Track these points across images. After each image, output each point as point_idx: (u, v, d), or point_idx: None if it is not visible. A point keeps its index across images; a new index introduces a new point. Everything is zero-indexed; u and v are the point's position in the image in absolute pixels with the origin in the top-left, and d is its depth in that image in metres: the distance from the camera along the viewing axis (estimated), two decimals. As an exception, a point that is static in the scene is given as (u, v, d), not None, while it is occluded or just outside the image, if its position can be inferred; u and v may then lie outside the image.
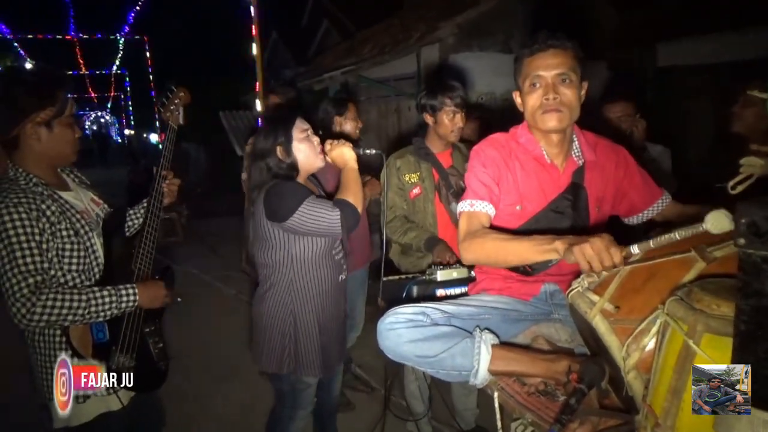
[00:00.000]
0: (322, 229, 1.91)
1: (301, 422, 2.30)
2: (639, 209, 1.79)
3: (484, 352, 1.43)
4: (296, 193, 1.92)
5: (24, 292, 1.54)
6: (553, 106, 1.55)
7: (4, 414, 3.13)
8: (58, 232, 1.66)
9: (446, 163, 2.67)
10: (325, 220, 1.89)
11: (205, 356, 4.04)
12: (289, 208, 1.88)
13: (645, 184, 1.77)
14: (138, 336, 1.83)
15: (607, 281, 1.26)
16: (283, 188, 1.93)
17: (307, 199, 1.89)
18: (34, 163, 1.71)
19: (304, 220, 1.88)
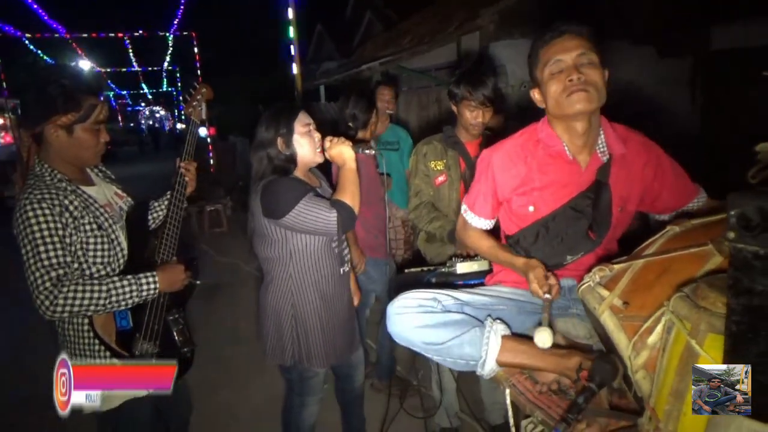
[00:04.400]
0: (317, 228, 1.91)
1: (312, 408, 2.33)
2: (673, 208, 1.70)
3: (493, 342, 1.39)
4: (292, 191, 1.91)
5: (47, 285, 1.60)
6: (579, 86, 1.46)
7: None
8: (82, 226, 1.71)
9: (474, 153, 2.62)
10: (322, 221, 1.88)
11: (242, 347, 4.12)
12: (285, 207, 1.88)
13: (679, 183, 1.67)
14: (161, 324, 1.88)
15: (619, 276, 1.21)
16: (279, 185, 1.93)
17: (303, 198, 1.89)
18: (57, 161, 1.77)
19: (301, 219, 1.88)
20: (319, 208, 1.89)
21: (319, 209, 1.89)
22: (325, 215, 1.88)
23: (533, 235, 1.63)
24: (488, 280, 1.83)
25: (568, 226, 1.57)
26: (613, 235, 1.65)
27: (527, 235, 1.64)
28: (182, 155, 2.04)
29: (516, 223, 1.69)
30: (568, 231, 1.58)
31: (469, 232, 1.82)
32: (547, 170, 1.61)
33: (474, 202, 1.78)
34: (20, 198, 1.66)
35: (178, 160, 2.03)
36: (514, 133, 1.74)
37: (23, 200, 1.64)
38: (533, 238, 1.63)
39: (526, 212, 1.64)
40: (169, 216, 1.95)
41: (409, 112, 7.84)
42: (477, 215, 1.78)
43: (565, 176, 1.60)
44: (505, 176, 1.66)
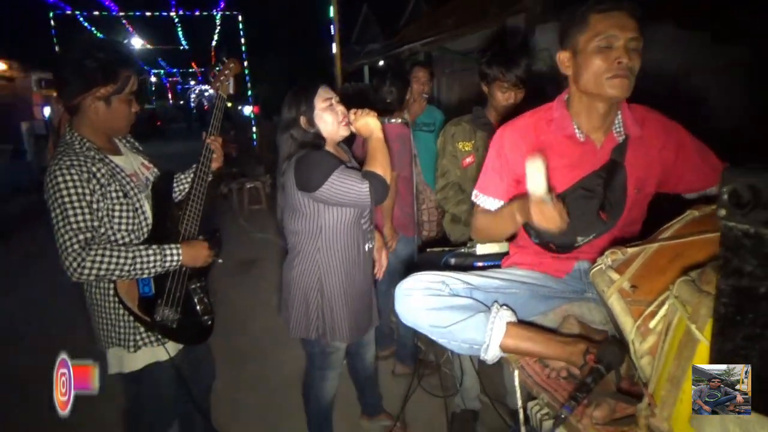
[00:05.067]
0: (351, 201, 1.91)
1: (332, 381, 2.37)
2: (699, 188, 1.63)
3: (497, 327, 1.37)
4: (326, 164, 1.91)
5: (75, 248, 1.66)
6: (624, 72, 1.39)
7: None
8: (108, 193, 1.77)
9: None
10: (354, 192, 1.89)
11: (273, 320, 4.20)
12: (319, 179, 1.88)
13: (705, 164, 1.59)
14: (183, 292, 1.94)
15: (632, 259, 1.17)
16: (312, 158, 1.94)
17: (336, 170, 1.89)
18: (89, 130, 1.84)
19: (334, 191, 1.88)
20: (352, 179, 1.89)
21: (351, 181, 1.89)
22: (357, 187, 1.88)
23: None
24: (504, 262, 1.80)
25: (578, 205, 1.52)
26: (631, 217, 1.59)
27: None
28: (209, 129, 2.07)
29: None
30: (577, 211, 1.53)
31: (477, 215, 1.75)
32: (558, 150, 1.57)
33: (487, 184, 1.71)
34: (50, 164, 1.73)
35: (205, 134, 2.07)
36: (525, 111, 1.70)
37: (53, 166, 1.71)
38: None
39: None
40: (194, 188, 1.99)
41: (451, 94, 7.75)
42: (490, 196, 1.70)
43: (578, 156, 1.55)
44: (517, 155, 1.61)
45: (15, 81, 13.25)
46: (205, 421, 2.33)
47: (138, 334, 1.89)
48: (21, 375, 3.54)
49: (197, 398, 2.23)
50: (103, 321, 1.89)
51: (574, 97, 1.55)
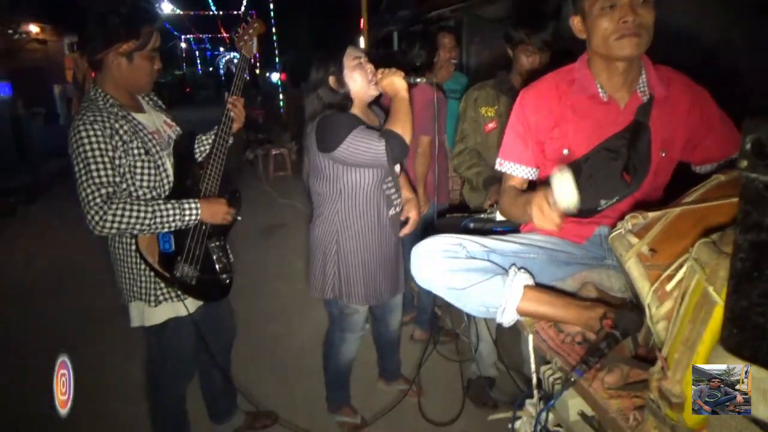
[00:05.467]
0: (367, 160, 1.91)
1: (351, 344, 2.40)
2: (714, 159, 1.56)
3: (514, 290, 1.35)
4: (344, 124, 1.91)
5: (97, 201, 1.69)
6: (632, 30, 1.35)
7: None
8: (130, 150, 1.79)
9: None
10: (371, 152, 1.87)
11: (295, 283, 4.26)
12: (337, 139, 1.88)
13: (725, 131, 1.52)
14: (203, 249, 1.96)
15: (652, 224, 1.14)
16: (332, 119, 1.93)
17: (354, 130, 1.88)
18: (112, 87, 1.85)
19: (351, 150, 1.88)
20: (368, 138, 1.88)
21: (368, 140, 1.88)
22: (374, 145, 1.87)
23: None
24: (523, 227, 1.77)
25: (601, 167, 1.49)
26: (655, 182, 1.55)
27: None
28: (231, 89, 2.07)
29: (550, 168, 1.61)
30: (601, 173, 1.49)
31: (504, 193, 1.71)
32: (581, 111, 1.52)
33: (511, 149, 1.67)
34: (74, 120, 1.75)
35: (227, 94, 2.06)
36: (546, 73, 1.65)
37: (77, 122, 1.73)
38: None
39: (560, 155, 1.56)
40: (215, 148, 2.00)
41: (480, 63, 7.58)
42: (516, 162, 1.67)
43: (601, 117, 1.50)
44: (539, 117, 1.58)
45: (47, 44, 13.41)
46: (225, 377, 2.39)
47: (159, 289, 1.92)
48: (59, 324, 3.73)
49: (217, 355, 2.29)
50: (125, 275, 1.94)
51: (593, 59, 1.51)
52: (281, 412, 2.63)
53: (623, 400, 1.12)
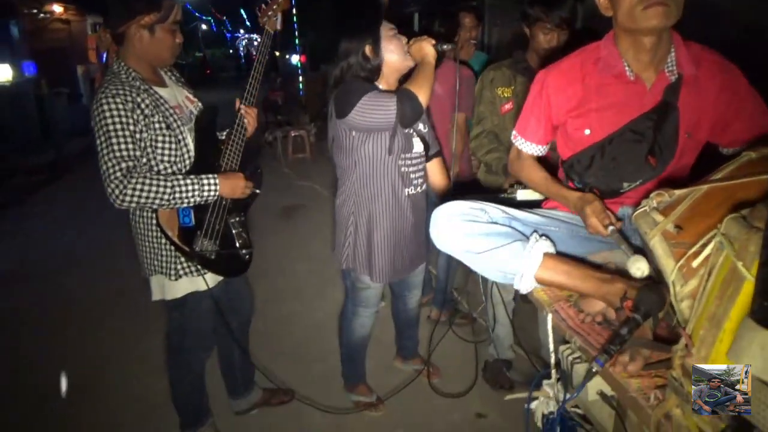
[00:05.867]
0: (378, 120, 1.89)
1: (364, 319, 2.41)
2: (743, 140, 1.50)
3: (533, 257, 1.34)
4: (360, 88, 1.90)
5: (117, 175, 1.70)
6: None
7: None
8: (152, 124, 1.80)
9: None
10: (382, 110, 1.86)
11: (313, 264, 4.28)
12: (351, 103, 1.87)
13: (756, 112, 1.47)
14: (222, 225, 1.97)
15: (678, 201, 1.11)
16: (350, 85, 1.93)
17: (368, 93, 1.87)
18: (135, 60, 1.86)
19: (362, 111, 1.87)
20: (380, 98, 1.88)
21: (379, 99, 1.87)
22: (385, 103, 1.87)
23: (588, 159, 1.52)
24: (545, 204, 1.75)
25: (625, 149, 1.45)
26: (681, 164, 1.51)
27: (581, 159, 1.54)
28: (255, 66, 2.05)
29: (571, 147, 1.59)
30: (625, 155, 1.45)
31: (522, 162, 1.73)
32: (606, 91, 1.48)
33: (526, 126, 1.68)
34: (97, 93, 1.76)
35: (239, 101, 2.03)
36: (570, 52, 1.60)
37: (99, 95, 1.73)
38: (588, 162, 1.53)
39: (581, 136, 1.53)
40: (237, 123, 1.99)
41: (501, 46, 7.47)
42: (528, 141, 1.69)
43: (626, 97, 1.46)
44: (560, 98, 1.55)
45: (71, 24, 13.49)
46: (243, 353, 2.42)
47: (179, 263, 1.94)
48: (82, 298, 3.81)
49: (235, 331, 2.31)
50: (146, 249, 1.96)
51: (619, 36, 1.46)
52: (298, 389, 2.66)
53: (644, 379, 1.10)
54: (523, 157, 1.73)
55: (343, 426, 2.49)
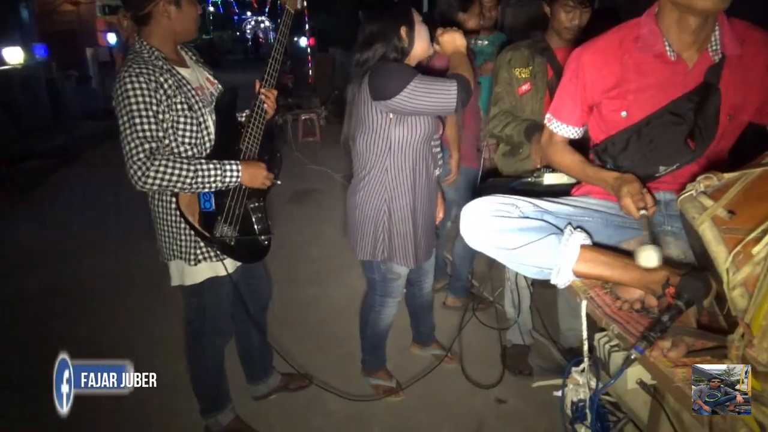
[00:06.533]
0: (434, 105, 1.87)
1: (391, 309, 2.39)
2: None
3: (570, 250, 1.29)
4: (407, 70, 1.88)
5: (140, 156, 1.67)
6: None
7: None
8: (174, 105, 1.76)
9: (564, 60, 2.40)
10: (441, 93, 1.85)
11: (328, 249, 4.26)
12: (399, 84, 1.84)
13: None
14: (242, 210, 1.94)
15: (728, 185, 1.06)
16: (390, 66, 1.90)
17: (417, 75, 1.85)
18: (159, 39, 1.82)
19: (416, 95, 1.84)
20: (437, 81, 1.86)
21: (436, 82, 1.86)
22: (444, 87, 1.85)
23: (623, 142, 1.47)
24: (575, 191, 1.70)
25: (664, 132, 1.40)
26: (719, 147, 1.45)
27: (616, 142, 1.48)
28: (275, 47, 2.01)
29: (605, 130, 1.53)
30: (663, 138, 1.40)
31: (555, 146, 1.67)
32: (645, 71, 1.42)
33: (561, 108, 1.62)
34: (120, 72, 1.72)
35: (258, 84, 1.99)
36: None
37: (122, 74, 1.70)
38: (623, 145, 1.47)
39: (617, 118, 1.47)
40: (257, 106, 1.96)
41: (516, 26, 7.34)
42: (563, 122, 1.62)
43: (667, 77, 1.40)
44: (596, 77, 1.48)
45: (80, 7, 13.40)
46: (261, 337, 2.40)
47: (198, 248, 1.92)
48: (89, 280, 3.82)
49: (254, 316, 2.29)
50: (165, 234, 1.93)
51: (664, 10, 1.38)
52: (316, 374, 2.65)
53: (688, 369, 1.06)
54: (555, 141, 1.67)
55: (362, 411, 2.48)
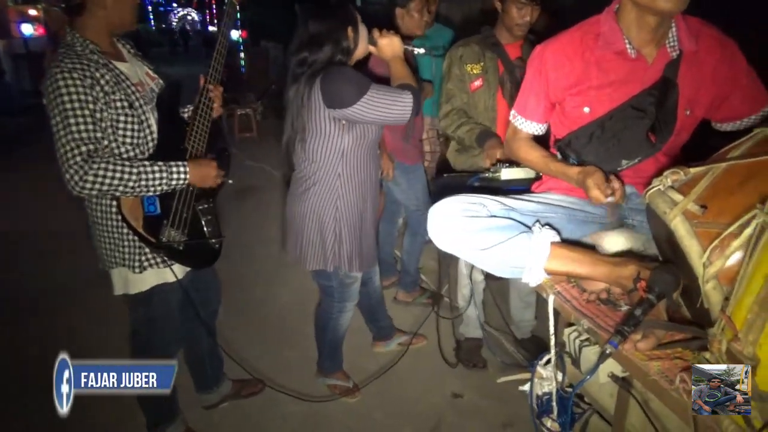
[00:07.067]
0: (390, 116, 1.85)
1: (350, 313, 2.36)
2: (739, 116, 1.51)
3: (540, 249, 1.29)
4: (360, 80, 1.84)
5: (77, 160, 1.54)
6: None
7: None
8: (113, 102, 1.63)
9: (514, 55, 2.44)
10: (398, 105, 1.84)
11: (271, 248, 4.16)
12: (356, 93, 1.80)
13: (751, 87, 1.46)
14: (190, 213, 1.84)
15: (696, 180, 1.08)
16: (344, 74, 1.84)
17: (373, 85, 1.82)
18: (94, 30, 1.69)
19: (372, 105, 1.81)
20: (393, 93, 1.85)
21: (393, 94, 1.85)
22: (401, 99, 1.84)
23: (586, 137, 1.48)
24: (536, 187, 1.71)
25: (626, 126, 1.42)
26: (677, 141, 1.50)
27: (580, 137, 1.50)
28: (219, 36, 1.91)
29: (568, 126, 1.54)
30: (626, 132, 1.43)
31: (519, 141, 1.68)
32: (606, 68, 1.44)
33: (525, 105, 1.63)
34: (51, 67, 1.58)
35: (203, 78, 1.89)
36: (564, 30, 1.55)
37: (53, 69, 1.56)
38: (586, 140, 1.49)
39: (580, 113, 1.49)
40: (201, 101, 1.86)
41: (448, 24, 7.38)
42: (528, 119, 1.63)
43: (627, 74, 1.42)
44: (559, 74, 1.50)
45: (-13, -5, 12.46)
46: (212, 343, 2.30)
47: (143, 254, 1.81)
48: (11, 296, 3.49)
49: (204, 320, 2.19)
50: (106, 240, 1.80)
51: (624, 8, 1.41)
52: (268, 377, 2.57)
53: (663, 361, 1.08)
54: (519, 137, 1.68)
55: (319, 412, 2.42)
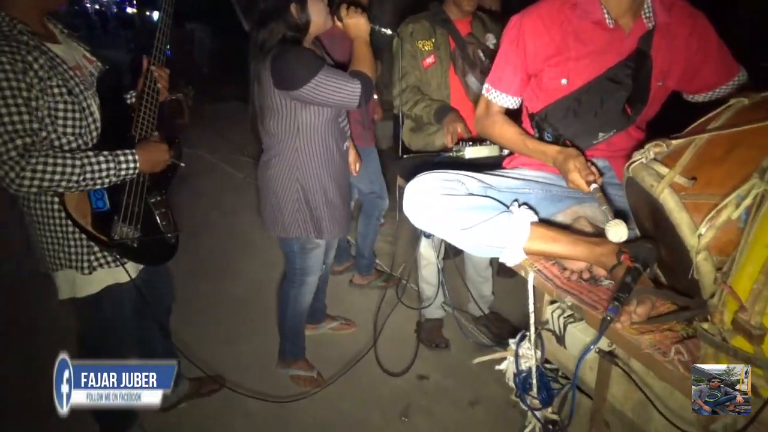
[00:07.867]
0: (338, 100, 1.83)
1: (311, 287, 2.34)
2: (711, 86, 1.54)
3: (520, 229, 1.28)
4: (310, 61, 1.80)
5: (12, 155, 1.39)
6: None
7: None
8: (49, 89, 1.48)
9: (464, 31, 2.42)
10: (345, 92, 1.82)
11: (216, 237, 4.00)
12: (303, 78, 1.77)
13: (722, 57, 1.49)
14: (142, 206, 1.71)
15: (679, 151, 1.08)
16: (293, 55, 1.80)
17: (322, 69, 1.78)
18: (22, 8, 1.52)
19: (320, 90, 1.79)
20: (341, 78, 1.82)
21: (341, 80, 1.81)
22: (349, 86, 1.82)
23: (563, 110, 1.48)
24: (507, 163, 1.70)
25: (604, 99, 1.42)
26: (648, 114, 1.52)
27: (556, 110, 1.49)
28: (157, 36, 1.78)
29: (544, 99, 1.53)
30: (603, 105, 1.43)
31: (493, 117, 1.63)
32: (584, 38, 1.43)
33: (500, 77, 1.59)
34: None
35: (147, 60, 1.77)
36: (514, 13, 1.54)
37: None
38: (563, 113, 1.48)
39: (557, 86, 1.47)
40: (147, 85, 1.73)
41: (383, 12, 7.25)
42: (503, 92, 1.59)
43: (605, 44, 1.42)
44: (537, 44, 1.47)
45: None
46: (167, 342, 2.17)
47: (92, 254, 1.67)
48: None
49: (158, 319, 2.07)
50: (47, 241, 1.65)
51: None
52: (227, 373, 2.46)
53: (654, 334, 1.09)
54: (492, 112, 1.63)
55: (285, 406, 2.34)
